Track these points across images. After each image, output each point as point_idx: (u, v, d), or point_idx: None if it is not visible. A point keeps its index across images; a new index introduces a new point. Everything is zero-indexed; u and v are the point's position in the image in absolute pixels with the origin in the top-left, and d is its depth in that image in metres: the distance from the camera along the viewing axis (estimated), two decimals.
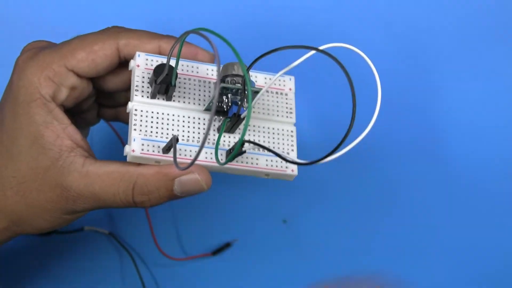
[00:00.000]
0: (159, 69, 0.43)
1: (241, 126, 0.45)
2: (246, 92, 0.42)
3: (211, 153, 0.44)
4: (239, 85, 0.43)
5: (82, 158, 0.44)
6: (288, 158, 0.42)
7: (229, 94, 0.43)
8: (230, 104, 0.43)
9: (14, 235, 0.47)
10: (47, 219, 0.45)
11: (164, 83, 0.43)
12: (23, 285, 0.61)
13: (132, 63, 0.45)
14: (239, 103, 0.43)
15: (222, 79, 0.43)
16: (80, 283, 0.62)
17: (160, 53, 0.46)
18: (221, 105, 0.44)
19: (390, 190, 0.63)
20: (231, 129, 0.45)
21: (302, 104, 0.59)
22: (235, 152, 0.39)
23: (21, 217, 0.45)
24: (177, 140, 0.42)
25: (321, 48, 0.40)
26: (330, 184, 0.59)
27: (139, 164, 0.44)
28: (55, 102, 0.44)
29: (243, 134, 0.38)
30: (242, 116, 0.44)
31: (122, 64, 0.47)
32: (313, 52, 0.40)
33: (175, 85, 0.44)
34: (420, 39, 0.65)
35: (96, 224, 0.61)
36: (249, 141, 0.44)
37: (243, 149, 0.44)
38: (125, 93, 0.50)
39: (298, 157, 0.47)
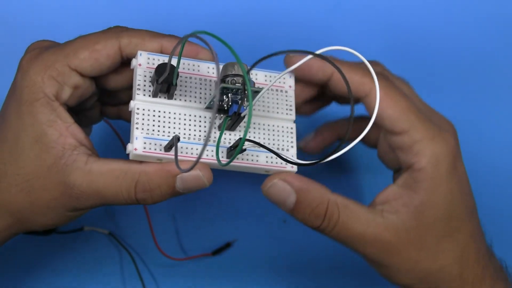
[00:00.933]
0: (160, 68, 0.44)
1: (242, 124, 0.46)
2: (246, 92, 0.43)
3: (212, 151, 0.46)
4: (239, 85, 0.44)
5: (85, 156, 0.45)
6: (289, 159, 0.43)
7: (229, 94, 0.44)
8: (230, 103, 0.44)
9: (18, 232, 0.49)
10: (50, 216, 0.47)
11: (165, 83, 0.45)
12: (23, 285, 0.61)
13: (134, 62, 0.47)
14: (239, 102, 0.44)
15: (223, 79, 0.44)
16: (80, 283, 0.62)
17: (162, 52, 0.47)
18: (221, 104, 0.45)
19: None
20: (231, 127, 0.46)
21: None
22: (236, 153, 0.40)
23: (25, 214, 0.46)
24: (178, 139, 0.43)
25: (319, 52, 0.41)
26: (330, 184, 0.60)
27: (141, 162, 0.45)
28: (58, 101, 0.45)
29: (245, 135, 0.40)
30: (242, 115, 0.45)
31: (124, 63, 0.48)
32: (310, 56, 0.41)
33: (176, 85, 0.45)
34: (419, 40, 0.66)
35: (96, 224, 0.62)
36: (250, 140, 0.45)
37: (243, 147, 0.45)
38: (128, 91, 0.52)
39: (297, 155, 0.48)
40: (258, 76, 0.49)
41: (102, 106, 0.54)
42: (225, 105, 0.45)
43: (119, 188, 0.45)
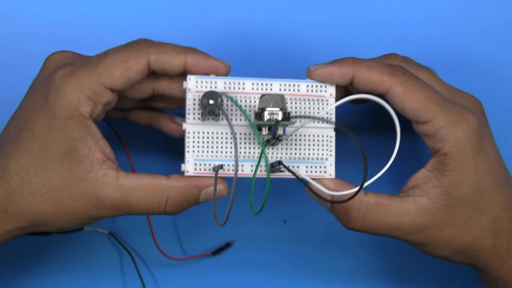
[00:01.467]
0: (204, 100, 0.48)
1: (282, 143, 0.51)
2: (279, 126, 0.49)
3: (252, 165, 0.51)
4: (273, 122, 0.48)
5: (115, 171, 0.48)
6: (322, 196, 0.50)
7: None
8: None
9: (29, 232, 0.51)
10: (72, 222, 0.49)
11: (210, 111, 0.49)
12: (23, 285, 0.62)
13: (184, 85, 0.50)
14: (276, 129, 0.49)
15: (261, 111, 0.49)
16: (80, 283, 0.62)
17: (185, 67, 0.50)
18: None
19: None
20: (272, 145, 0.51)
21: None
22: (263, 205, 0.47)
23: (46, 220, 0.49)
24: (222, 167, 0.50)
25: (342, 101, 0.50)
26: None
27: (169, 177, 0.49)
28: (91, 119, 0.48)
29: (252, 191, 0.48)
30: (280, 138, 0.49)
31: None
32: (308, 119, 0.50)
33: (219, 114, 0.49)
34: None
35: (96, 224, 0.61)
36: (284, 165, 0.50)
37: (280, 168, 0.50)
38: (143, 100, 0.55)
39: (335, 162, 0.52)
40: (301, 88, 0.52)
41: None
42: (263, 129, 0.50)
43: (150, 202, 0.49)
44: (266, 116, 0.48)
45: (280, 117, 0.48)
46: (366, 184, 0.47)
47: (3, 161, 0.49)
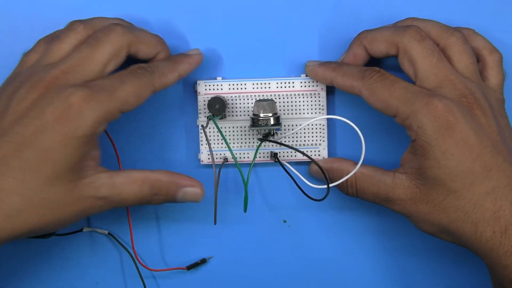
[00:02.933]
0: (210, 105, 0.57)
1: (282, 132, 0.60)
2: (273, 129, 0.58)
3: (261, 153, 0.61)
4: (265, 126, 0.56)
5: (105, 173, 0.53)
6: (309, 195, 0.58)
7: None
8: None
9: (27, 237, 0.53)
10: (70, 223, 0.53)
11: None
12: (23, 286, 0.63)
13: (196, 87, 0.60)
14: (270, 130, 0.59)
15: (256, 117, 0.56)
16: (81, 284, 0.63)
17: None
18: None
19: None
20: (267, 139, 0.59)
21: None
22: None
23: (46, 227, 0.52)
24: (227, 160, 0.60)
25: (327, 116, 0.59)
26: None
27: (154, 170, 0.54)
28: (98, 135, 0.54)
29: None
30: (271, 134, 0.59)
31: None
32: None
33: (224, 116, 0.59)
34: None
35: (95, 224, 0.63)
36: (277, 159, 0.60)
37: (276, 159, 0.60)
38: None
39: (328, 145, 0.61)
40: (295, 84, 0.60)
41: None
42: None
43: (139, 193, 0.54)
44: (260, 122, 0.56)
45: (272, 122, 0.56)
46: (344, 179, 0.56)
47: None
